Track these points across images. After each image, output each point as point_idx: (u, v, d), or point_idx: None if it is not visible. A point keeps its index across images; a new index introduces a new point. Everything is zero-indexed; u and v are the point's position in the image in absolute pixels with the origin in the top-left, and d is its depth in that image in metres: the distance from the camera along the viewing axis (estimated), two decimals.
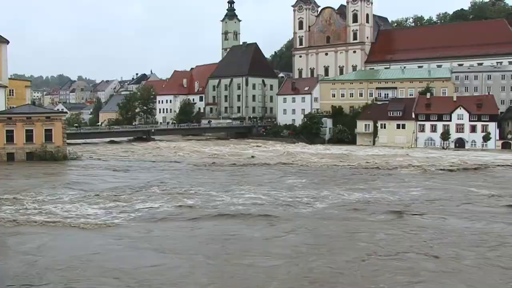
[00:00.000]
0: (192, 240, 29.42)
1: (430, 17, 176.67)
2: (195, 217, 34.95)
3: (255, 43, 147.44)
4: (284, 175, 57.83)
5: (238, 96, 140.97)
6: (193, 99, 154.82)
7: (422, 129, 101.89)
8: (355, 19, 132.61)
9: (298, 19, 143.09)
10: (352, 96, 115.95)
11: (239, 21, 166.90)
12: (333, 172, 61.69)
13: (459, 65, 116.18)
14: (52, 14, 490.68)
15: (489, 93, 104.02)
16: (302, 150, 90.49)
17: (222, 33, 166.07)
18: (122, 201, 39.82)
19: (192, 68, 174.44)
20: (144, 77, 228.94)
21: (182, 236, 30.42)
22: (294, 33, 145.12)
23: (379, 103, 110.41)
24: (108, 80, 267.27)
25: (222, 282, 22.76)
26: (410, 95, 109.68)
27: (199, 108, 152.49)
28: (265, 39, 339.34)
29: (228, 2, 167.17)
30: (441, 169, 63.40)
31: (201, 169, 64.28)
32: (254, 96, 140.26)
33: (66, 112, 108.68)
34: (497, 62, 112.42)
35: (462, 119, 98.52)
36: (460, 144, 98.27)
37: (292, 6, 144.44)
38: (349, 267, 24.33)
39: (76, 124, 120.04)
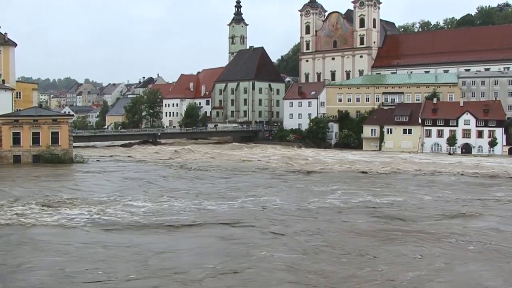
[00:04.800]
0: None
1: (437, 22, 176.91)
2: None
3: (262, 47, 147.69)
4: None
5: (245, 100, 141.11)
6: (200, 103, 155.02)
7: (428, 134, 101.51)
8: (362, 24, 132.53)
9: (305, 23, 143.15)
10: (359, 101, 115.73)
11: (246, 25, 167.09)
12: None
13: (466, 70, 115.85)
14: (68, 16, 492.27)
15: (496, 98, 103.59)
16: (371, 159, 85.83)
17: (229, 37, 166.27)
18: None
19: (198, 72, 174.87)
20: (150, 80, 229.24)
21: None
22: (301, 37, 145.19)
23: (385, 108, 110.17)
24: (114, 83, 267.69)
25: None
26: (416, 100, 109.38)
27: (206, 112, 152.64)
28: (272, 43, 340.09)
29: (235, 6, 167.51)
30: None
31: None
32: (260, 100, 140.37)
33: (72, 115, 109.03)
34: (504, 68, 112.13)
35: (469, 124, 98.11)
36: (466, 149, 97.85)
37: (299, 10, 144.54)
38: None
39: None
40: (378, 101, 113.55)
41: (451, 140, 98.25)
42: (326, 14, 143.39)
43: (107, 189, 49.50)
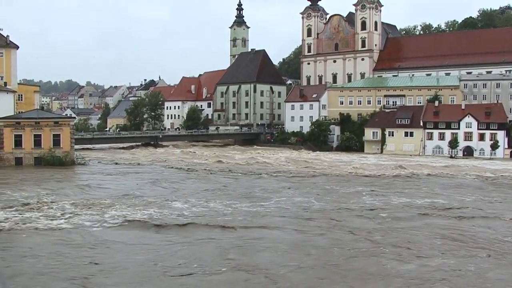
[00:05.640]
0: None
1: (438, 25, 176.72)
2: None
3: (264, 49, 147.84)
4: None
5: (246, 102, 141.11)
6: (201, 106, 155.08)
7: (430, 137, 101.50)
8: (363, 27, 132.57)
9: (307, 26, 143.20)
10: (360, 104, 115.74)
11: (248, 28, 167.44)
12: None
13: (468, 73, 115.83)
14: (69, 18, 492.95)
15: (497, 101, 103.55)
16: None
17: (230, 40, 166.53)
18: None
19: (200, 75, 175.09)
20: (152, 83, 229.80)
21: None
22: (303, 40, 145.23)
23: (387, 110, 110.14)
24: (116, 86, 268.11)
25: None
26: (418, 103, 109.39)
27: (207, 115, 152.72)
28: (273, 46, 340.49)
29: (237, 9, 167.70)
30: None
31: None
32: (262, 103, 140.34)
33: (74, 117, 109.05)
34: (506, 70, 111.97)
35: (471, 127, 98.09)
36: (468, 152, 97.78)
37: (301, 13, 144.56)
38: None
39: None
40: (380, 103, 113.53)
41: (453, 143, 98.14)
42: (328, 16, 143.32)
43: (130, 190, 48.49)
